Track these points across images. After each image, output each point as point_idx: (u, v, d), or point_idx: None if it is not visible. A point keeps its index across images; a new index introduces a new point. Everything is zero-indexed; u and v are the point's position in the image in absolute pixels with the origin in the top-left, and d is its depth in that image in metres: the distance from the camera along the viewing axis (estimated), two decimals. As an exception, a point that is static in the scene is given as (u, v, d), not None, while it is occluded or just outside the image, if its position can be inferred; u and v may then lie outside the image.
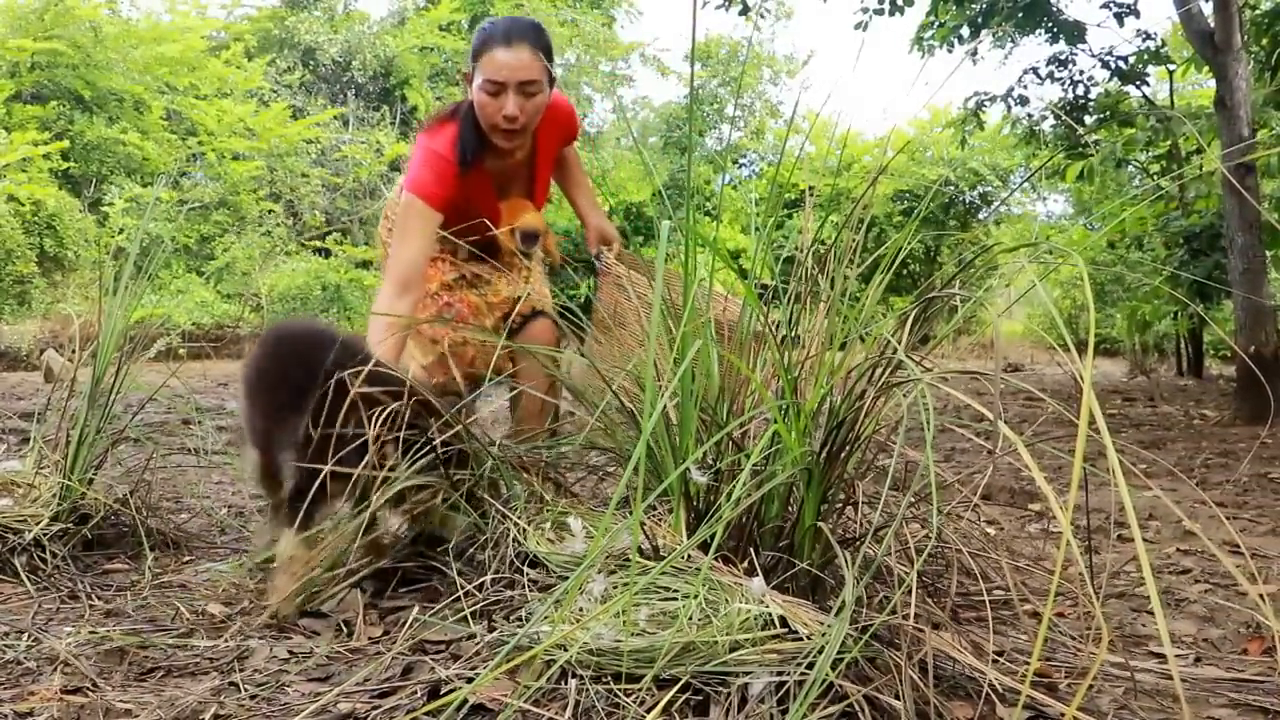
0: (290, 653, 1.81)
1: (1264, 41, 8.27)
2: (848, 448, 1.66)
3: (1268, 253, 7.43)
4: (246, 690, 1.62)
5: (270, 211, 15.98)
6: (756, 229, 2.24)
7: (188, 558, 2.58)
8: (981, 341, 18.97)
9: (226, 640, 1.88)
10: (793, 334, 1.84)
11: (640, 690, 1.42)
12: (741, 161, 24.95)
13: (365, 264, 15.97)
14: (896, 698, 1.43)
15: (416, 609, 1.93)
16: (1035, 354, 17.15)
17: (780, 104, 25.80)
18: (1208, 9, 7.08)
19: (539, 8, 21.50)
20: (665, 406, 1.78)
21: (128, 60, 13.73)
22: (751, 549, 1.68)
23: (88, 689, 1.64)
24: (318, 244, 16.44)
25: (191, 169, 15.47)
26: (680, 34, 34.10)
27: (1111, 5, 11.17)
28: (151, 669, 1.74)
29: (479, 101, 2.91)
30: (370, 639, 1.90)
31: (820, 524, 1.60)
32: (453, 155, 2.93)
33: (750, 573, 1.61)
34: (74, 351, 2.90)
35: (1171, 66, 11.37)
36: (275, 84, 17.94)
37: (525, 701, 1.43)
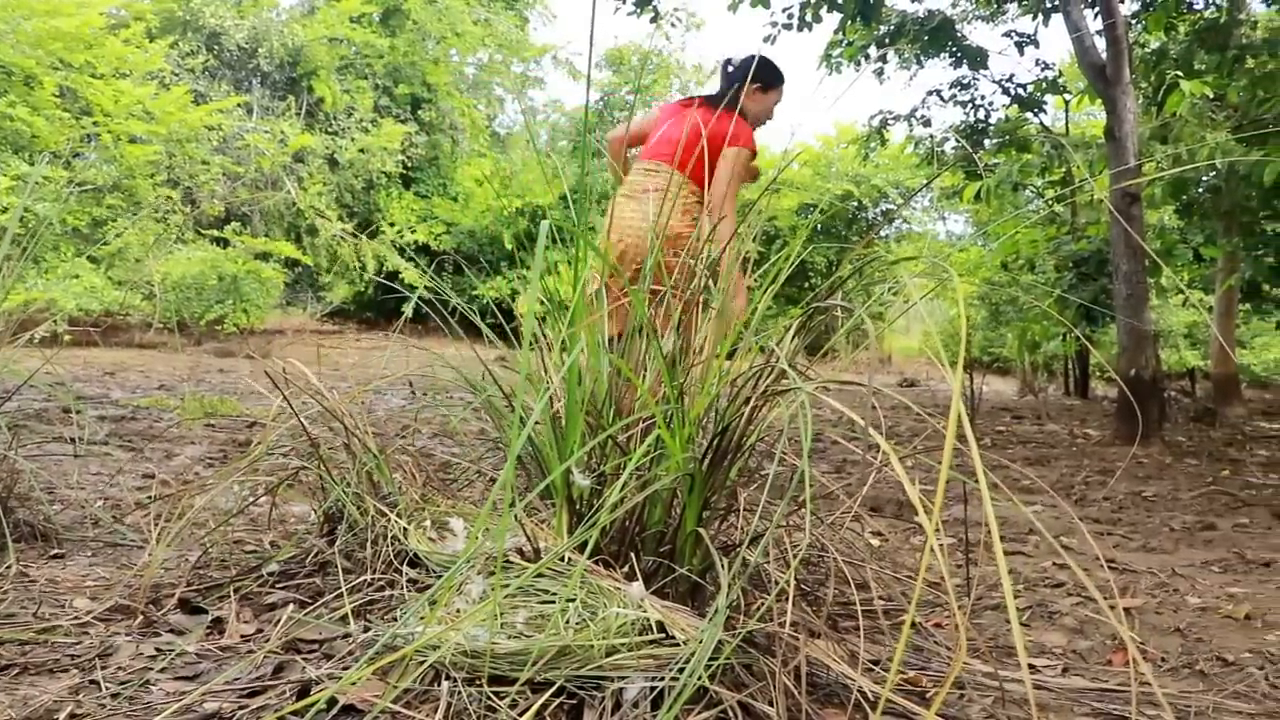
0: (157, 650, 1.76)
1: (1151, 78, 8.57)
2: (731, 455, 1.67)
3: (1150, 279, 7.68)
4: (108, 689, 1.56)
5: (167, 198, 15.57)
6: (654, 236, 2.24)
7: (56, 551, 2.49)
8: (879, 356, 19.30)
9: (90, 637, 1.82)
10: (681, 340, 1.85)
11: (514, 693, 1.41)
12: (649, 169, 25.00)
13: (264, 255, 15.65)
14: (770, 704, 1.44)
15: (292, 606, 1.89)
16: (930, 370, 17.51)
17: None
18: (1101, 44, 7.30)
19: (452, 5, 21.35)
20: (551, 408, 1.78)
21: (18, 32, 13.23)
22: (633, 554, 1.67)
23: (-64, 685, 1.57)
24: (215, 233, 16.05)
25: (85, 150, 14.99)
26: (588, 39, 34.12)
27: (1013, 35, 11.50)
28: (5, 666, 1.67)
29: (768, 110, 4.44)
30: (243, 637, 1.85)
31: (700, 530, 1.61)
32: None
33: (631, 577, 1.61)
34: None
35: (1068, 96, 11.73)
36: (177, 67, 17.49)
37: (396, 703, 1.41)
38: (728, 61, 4.43)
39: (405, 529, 1.95)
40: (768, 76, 4.41)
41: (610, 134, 4.56)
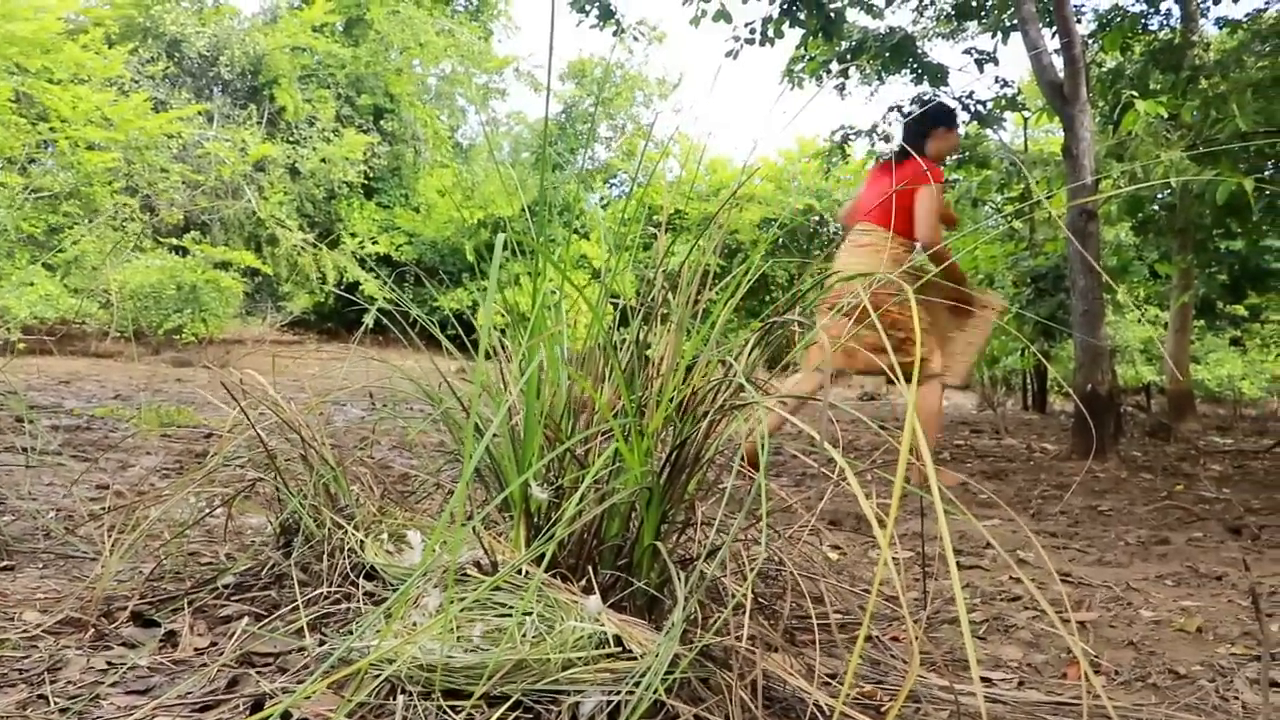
0: (108, 664, 1.73)
1: (1108, 97, 8.69)
2: (689, 468, 1.67)
3: (1106, 295, 7.77)
4: (56, 703, 1.54)
5: (126, 205, 15.41)
6: (626, 247, 2.24)
7: (5, 563, 2.45)
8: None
9: (39, 650, 1.79)
10: (641, 353, 1.85)
11: (470, 707, 1.40)
12: (612, 181, 25.07)
13: (224, 264, 15.52)
14: (726, 718, 1.44)
15: (247, 619, 1.88)
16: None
17: (649, 125, 26.07)
18: (1059, 63, 7.39)
19: (415, 15, 21.31)
20: (510, 420, 1.77)
21: (-28, 37, 13.08)
22: (591, 567, 1.67)
23: (-122, 700, 1.54)
24: (174, 242, 15.90)
25: (41, 156, 14.81)
26: (556, 51, 34.14)
27: (973, 52, 11.63)
28: (-50, 680, 1.64)
29: (954, 146, 5.18)
30: (196, 650, 1.83)
31: (658, 543, 1.61)
32: None
33: (588, 590, 1.60)
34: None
35: (1027, 114, 11.87)
36: (137, 74, 17.33)
37: (351, 717, 1.40)
38: (909, 114, 5.09)
39: (362, 541, 1.94)
40: (948, 119, 5.16)
41: (841, 212, 5.57)
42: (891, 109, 11.43)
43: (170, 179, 16.15)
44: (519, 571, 1.62)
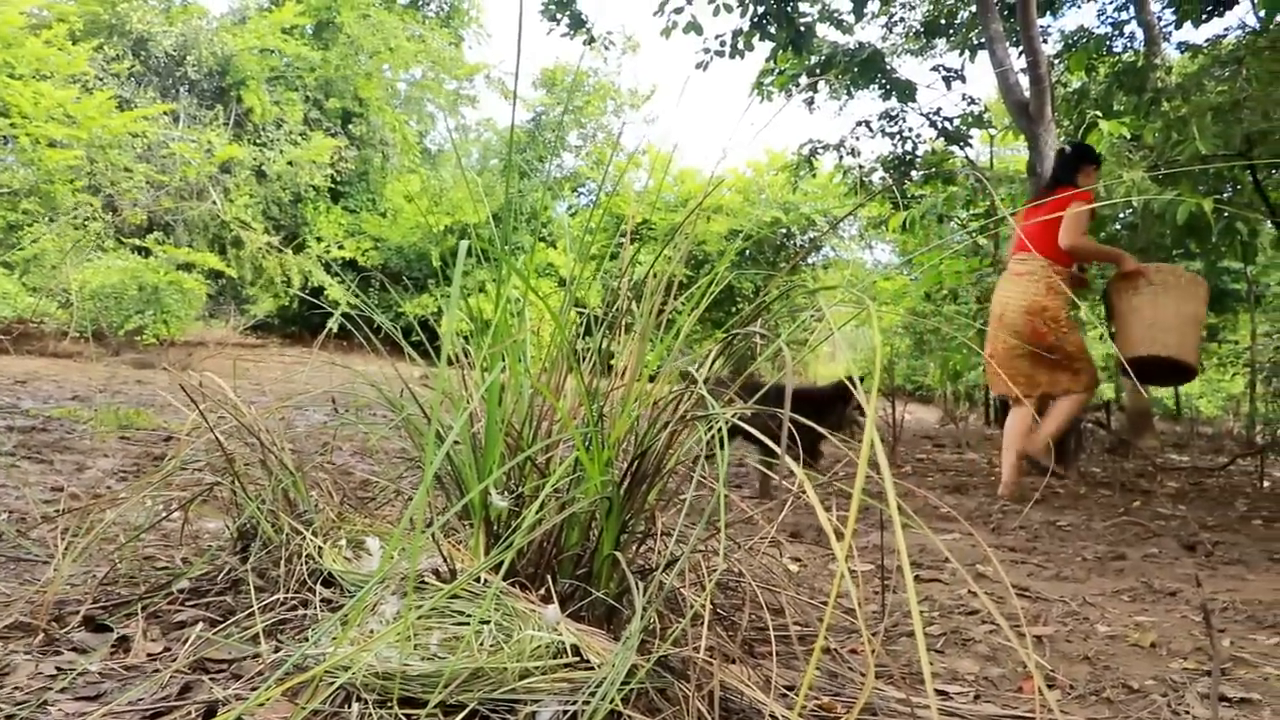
0: (58, 669, 1.71)
1: (1073, 116, 8.79)
2: (650, 479, 1.67)
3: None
4: (2, 710, 1.51)
5: (88, 204, 15.24)
6: (592, 256, 2.24)
7: (-45, 564, 2.42)
8: (804, 382, 19.44)
9: (-12, 654, 1.77)
10: (604, 363, 1.85)
11: (425, 716, 1.39)
12: (580, 190, 25.08)
13: (187, 266, 15.36)
14: (683, 729, 1.44)
15: (201, 625, 1.86)
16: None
17: (619, 134, 26.12)
18: (1025, 82, 7.47)
19: (386, 20, 21.24)
20: (471, 426, 1.76)
21: (-71, 29, 12.88)
22: (550, 576, 1.67)
23: None
24: (137, 242, 15.73)
25: (1, 152, 14.62)
26: (527, 59, 34.12)
27: (941, 69, 11.73)
28: (-105, 685, 1.62)
29: (1094, 183, 5.60)
30: (149, 655, 1.81)
31: (618, 553, 1.60)
32: None
33: (547, 599, 1.60)
34: None
35: (993, 131, 11.97)
36: (101, 71, 17.13)
37: (304, 725, 1.38)
38: (1061, 150, 5.75)
39: (320, 547, 1.93)
40: (1094, 157, 5.73)
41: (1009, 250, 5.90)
42: (859, 124, 11.50)
43: (134, 179, 15.98)
44: (478, 579, 1.61)
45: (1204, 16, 6.75)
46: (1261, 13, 7.00)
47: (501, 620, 1.53)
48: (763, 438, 1.36)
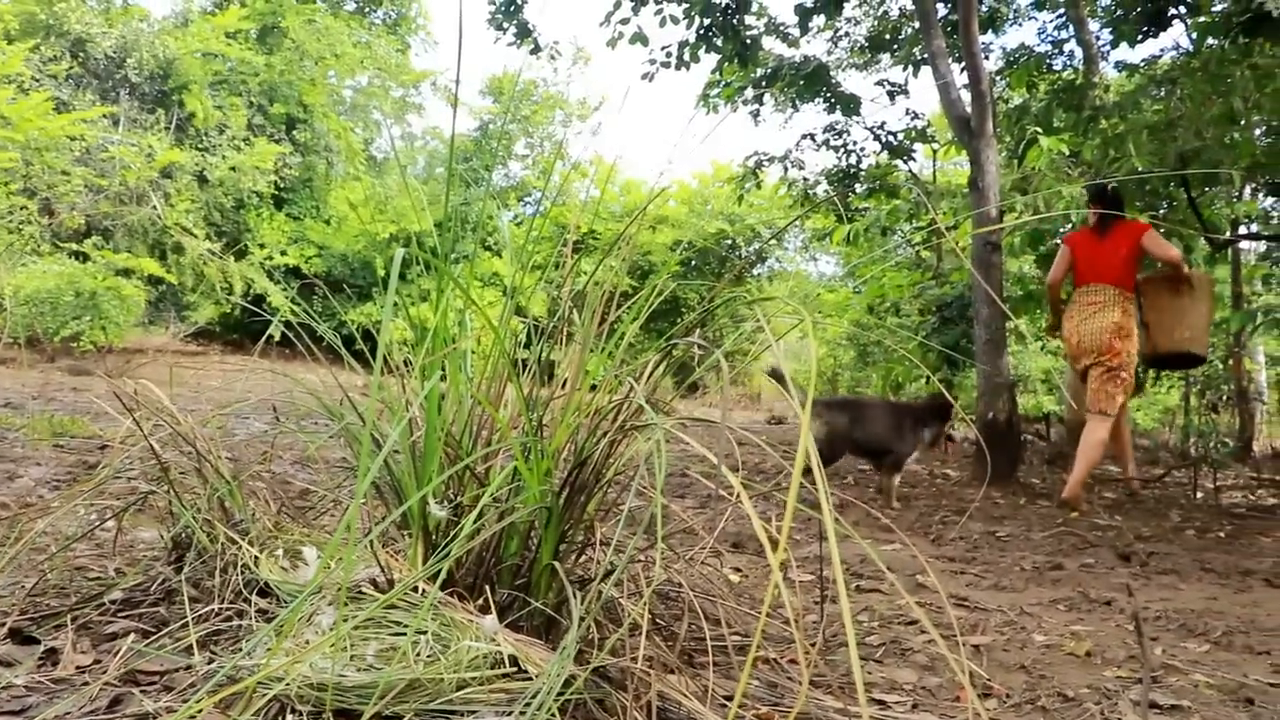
0: (-17, 682, 1.67)
1: (1014, 132, 8.92)
2: (589, 489, 1.67)
3: (1009, 325, 7.96)
4: (-77, 725, 1.48)
5: (22, 208, 14.96)
6: (537, 265, 2.23)
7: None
8: (748, 393, 19.52)
9: (-90, 667, 1.72)
10: (546, 372, 1.84)
11: (360, 728, 1.38)
12: (527, 200, 25.03)
13: (126, 272, 15.11)
14: (621, 739, 1.44)
15: (133, 636, 1.82)
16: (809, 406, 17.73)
17: (562, 143, 26.12)
18: (967, 98, 7.57)
19: (332, 26, 21.08)
20: (411, 435, 1.75)
21: None
22: (489, 586, 1.66)
23: None
24: (74, 247, 15.45)
25: (-68, 154, 14.31)
26: (476, 67, 34.04)
27: (885, 84, 11.86)
28: None
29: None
30: (78, 668, 1.77)
31: (556, 563, 1.60)
32: None
33: (485, 610, 1.59)
34: None
35: (936, 146, 12.11)
36: (38, 72, 16.82)
37: (236, 737, 1.36)
38: (1102, 189, 6.24)
39: (256, 557, 1.90)
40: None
41: (1050, 280, 6.36)
42: (804, 136, 11.59)
43: (71, 182, 15.71)
44: (415, 589, 1.60)
45: (1140, 37, 6.89)
46: (1194, 35, 7.16)
47: (439, 630, 1.52)
48: (699, 447, 1.36)
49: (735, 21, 9.81)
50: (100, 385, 9.98)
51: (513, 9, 10.15)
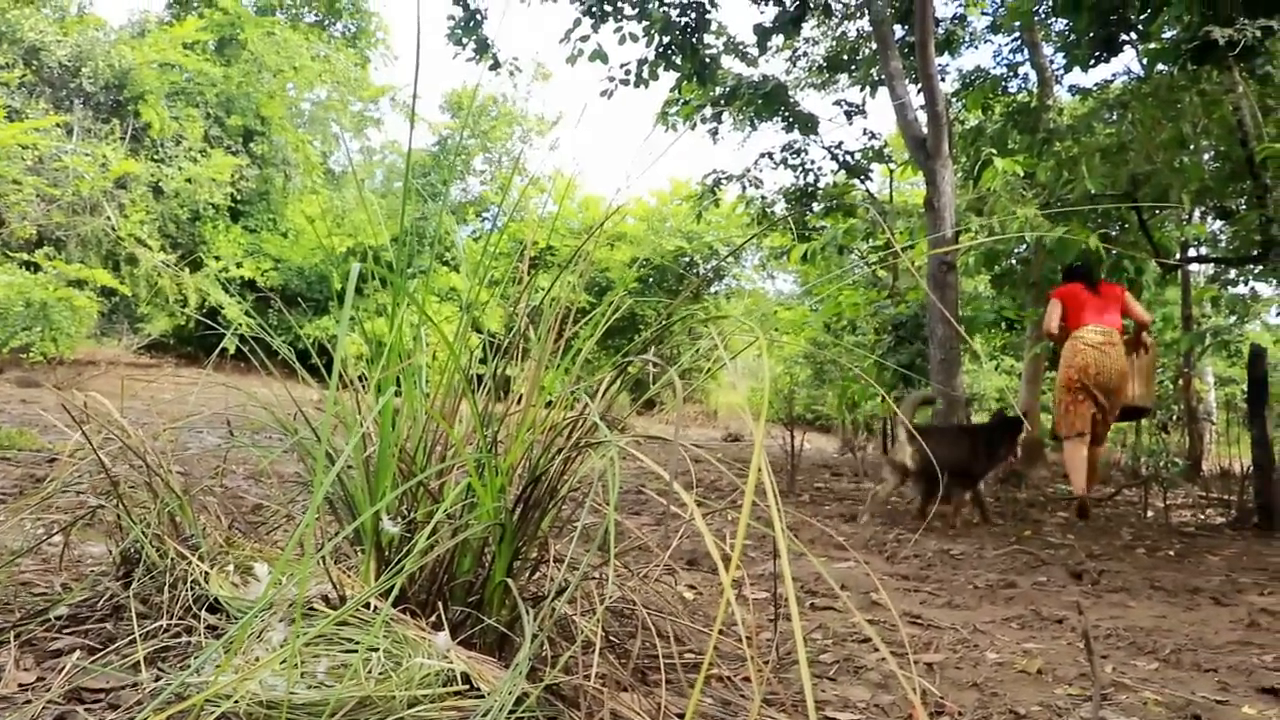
0: (-79, 700, 1.64)
1: (970, 153, 9.02)
2: (543, 505, 1.66)
3: (963, 345, 8.04)
4: None
5: (-28, 217, 14.75)
6: (495, 281, 2.23)
7: None
8: (705, 410, 19.58)
9: None
10: (502, 388, 1.84)
11: (309, 746, 1.36)
12: (485, 215, 24.99)
13: (79, 283, 14.92)
14: (573, 757, 1.44)
15: (79, 653, 1.79)
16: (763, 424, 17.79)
17: (518, 158, 26.13)
18: (924, 118, 7.65)
19: (291, 39, 20.97)
20: (365, 450, 1.74)
21: None
22: (441, 603, 1.65)
23: None
24: (25, 257, 15.24)
25: (-121, 161, 14.08)
26: (436, 83, 33.98)
27: (843, 104, 11.96)
28: None
29: None
30: (21, 685, 1.74)
31: (510, 580, 1.59)
32: None
33: (438, 627, 1.58)
34: None
35: (893, 166, 12.22)
36: (-9, 81, 16.64)
37: (183, 756, 1.35)
38: (1075, 267, 6.82)
39: (207, 573, 1.88)
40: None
41: (1045, 329, 6.75)
42: (762, 155, 11.66)
43: (23, 191, 15.49)
44: (367, 606, 1.59)
45: (1092, 62, 7.01)
46: (1144, 61, 7.29)
47: (391, 647, 1.51)
48: (653, 464, 1.36)
49: (694, 40, 9.87)
50: (50, 397, 9.84)
51: (472, 24, 10.15)
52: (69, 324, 14.36)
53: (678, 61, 9.93)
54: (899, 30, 10.01)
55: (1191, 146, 7.51)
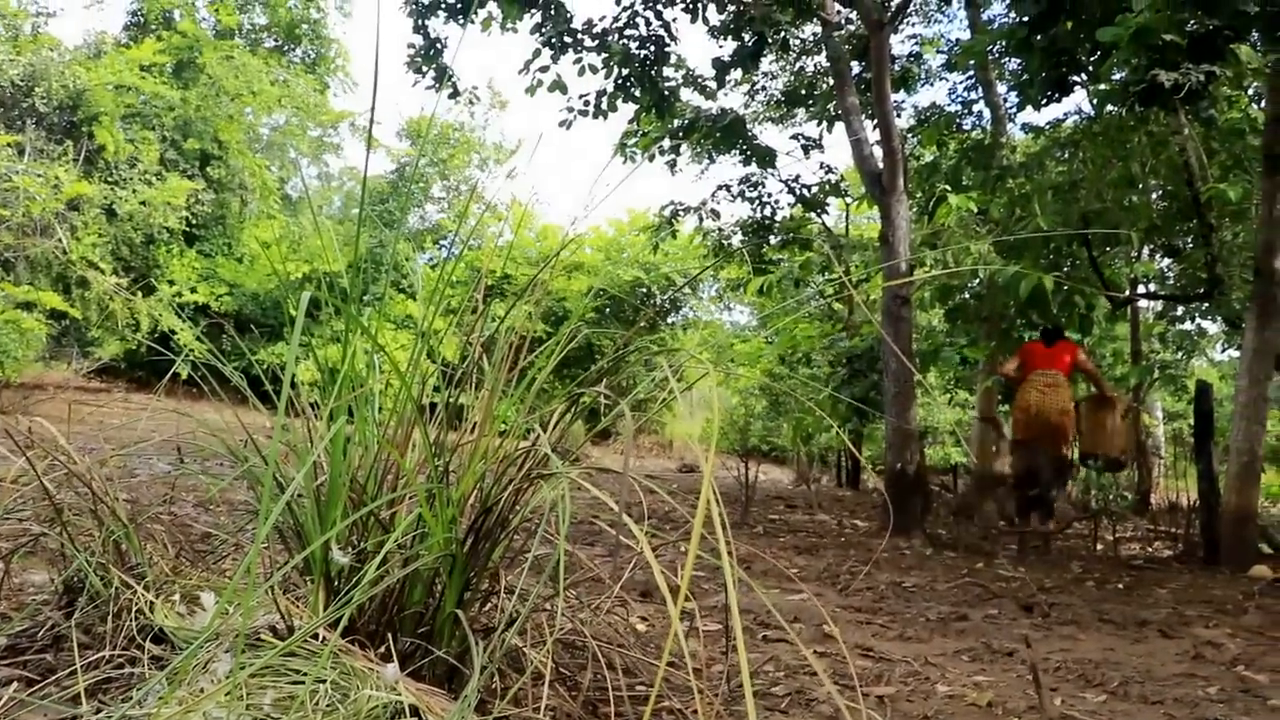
0: None
1: (925, 188, 9.13)
2: (494, 536, 1.66)
3: (917, 378, 8.11)
4: None
5: (-83, 237, 14.51)
6: (451, 309, 2.22)
7: None
8: (660, 441, 19.59)
9: None
10: (455, 417, 1.83)
11: (253, 779, 1.34)
12: (443, 243, 24.94)
13: (27, 305, 14.70)
14: (521, 791, 1.42)
15: (16, 685, 1.76)
16: (715, 457, 17.81)
17: (475, 186, 26.16)
18: (879, 153, 7.75)
19: (250, 63, 20.88)
20: (315, 479, 1.73)
21: None
22: (391, 634, 1.63)
23: None
24: (-28, 279, 15.02)
25: None
26: (392, 109, 33.97)
27: (800, 138, 12.07)
28: None
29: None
30: (-45, 718, 1.70)
31: (460, 611, 1.58)
32: None
33: (387, 658, 1.57)
34: None
35: (849, 200, 12.34)
36: (-60, 99, 16.42)
37: (123, 790, 1.32)
38: (1047, 329, 7.43)
39: (152, 602, 1.85)
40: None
41: (1003, 371, 7.49)
42: (720, 187, 11.74)
43: (-28, 212, 15.29)
44: (315, 636, 1.57)
45: (1044, 101, 7.14)
46: (1095, 101, 7.43)
47: (338, 679, 1.49)
48: (604, 496, 1.36)
49: (653, 73, 9.93)
50: (-5, 422, 9.65)
51: (432, 53, 10.16)
52: (16, 347, 14.13)
53: (637, 94, 9.99)
54: (856, 66, 10.14)
55: (1140, 185, 7.66)
